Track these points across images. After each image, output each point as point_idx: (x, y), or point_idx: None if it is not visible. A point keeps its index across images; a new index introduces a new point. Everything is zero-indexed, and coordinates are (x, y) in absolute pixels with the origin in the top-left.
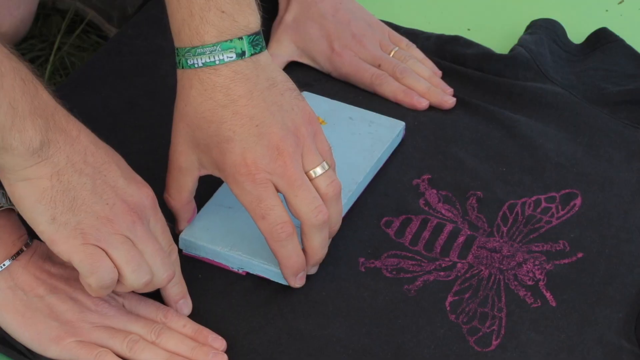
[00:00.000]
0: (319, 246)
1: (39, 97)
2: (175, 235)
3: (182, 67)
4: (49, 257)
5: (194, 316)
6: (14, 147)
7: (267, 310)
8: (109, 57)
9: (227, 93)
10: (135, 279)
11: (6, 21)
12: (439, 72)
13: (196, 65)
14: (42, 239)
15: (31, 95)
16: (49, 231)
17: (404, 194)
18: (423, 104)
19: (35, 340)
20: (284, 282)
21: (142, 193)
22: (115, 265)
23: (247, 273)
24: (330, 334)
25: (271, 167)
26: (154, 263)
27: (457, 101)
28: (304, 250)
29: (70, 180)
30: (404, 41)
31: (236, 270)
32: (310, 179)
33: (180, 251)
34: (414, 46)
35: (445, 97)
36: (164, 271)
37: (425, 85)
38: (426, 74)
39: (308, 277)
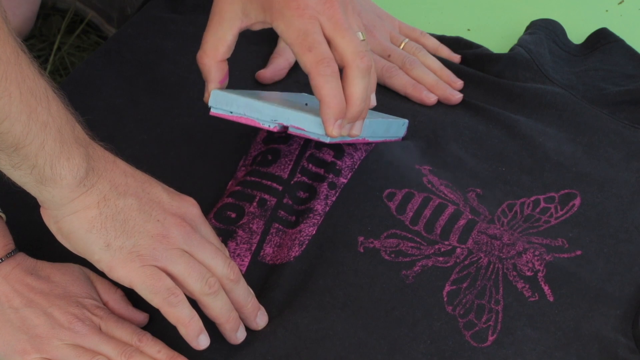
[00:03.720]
0: (360, 95)
1: (76, 124)
2: (206, 109)
3: None
4: (34, 271)
5: None
6: (63, 176)
7: (263, 304)
8: (109, 57)
9: None
10: (201, 286)
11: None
12: (457, 57)
13: None
14: (99, 268)
15: (72, 122)
16: (105, 258)
17: (407, 170)
18: (431, 99)
19: (1, 351)
20: (319, 132)
21: (187, 203)
22: (178, 279)
23: (279, 128)
24: (327, 327)
25: (320, 8)
26: (217, 264)
27: None
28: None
29: (117, 203)
30: (417, 31)
31: (267, 126)
32: None
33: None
34: (427, 35)
35: (453, 92)
36: (228, 266)
37: (433, 78)
38: (436, 67)
39: (306, 262)
